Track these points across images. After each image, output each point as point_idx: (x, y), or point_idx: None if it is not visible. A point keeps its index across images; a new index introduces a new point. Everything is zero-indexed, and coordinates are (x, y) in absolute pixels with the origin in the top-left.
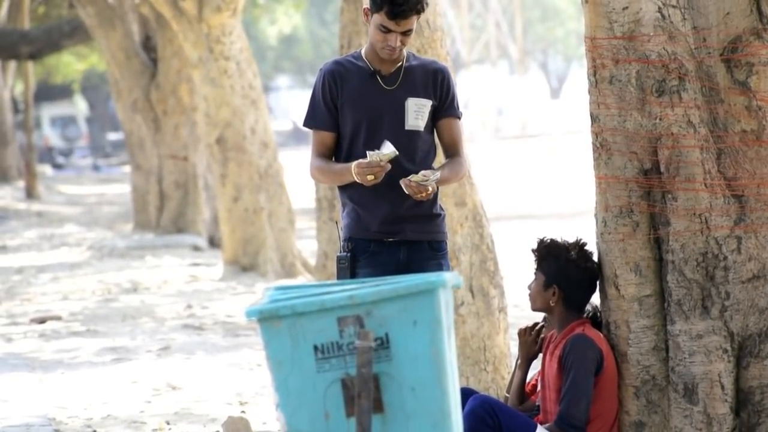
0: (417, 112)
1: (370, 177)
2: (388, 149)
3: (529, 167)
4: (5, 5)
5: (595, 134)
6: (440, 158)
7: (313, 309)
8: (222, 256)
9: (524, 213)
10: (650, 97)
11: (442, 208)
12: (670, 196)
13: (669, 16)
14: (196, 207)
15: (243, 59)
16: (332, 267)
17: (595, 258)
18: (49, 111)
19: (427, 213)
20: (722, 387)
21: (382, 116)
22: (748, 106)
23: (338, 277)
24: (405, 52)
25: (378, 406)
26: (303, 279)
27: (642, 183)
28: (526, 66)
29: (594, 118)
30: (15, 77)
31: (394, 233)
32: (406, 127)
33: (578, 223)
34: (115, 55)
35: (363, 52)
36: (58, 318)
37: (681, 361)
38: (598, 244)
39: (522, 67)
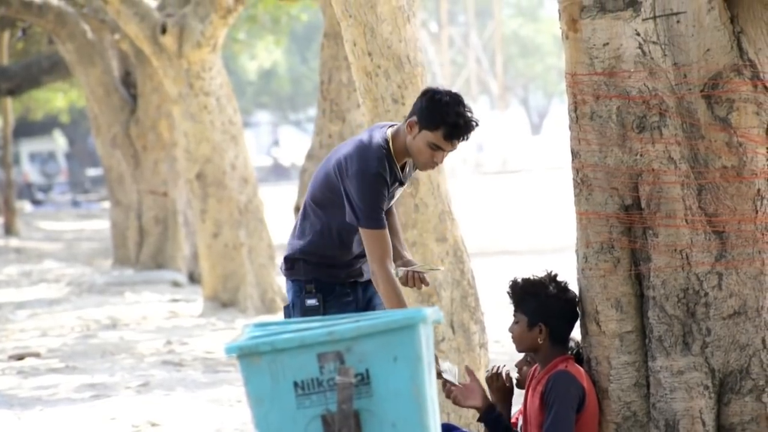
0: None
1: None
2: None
3: (509, 203)
4: None
5: (576, 170)
6: None
7: (293, 345)
8: (202, 292)
9: (505, 249)
10: (631, 133)
11: None
12: (651, 232)
13: (650, 52)
14: (176, 243)
15: (223, 95)
16: None
17: (572, 288)
18: (28, 147)
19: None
20: (703, 423)
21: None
22: (729, 142)
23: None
24: None
25: None
26: (282, 315)
27: (623, 219)
28: (507, 102)
29: (575, 154)
30: None
31: (354, 276)
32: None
33: (559, 259)
34: (94, 91)
35: (393, 150)
36: (37, 355)
37: (662, 397)
38: (579, 280)
39: (502, 103)
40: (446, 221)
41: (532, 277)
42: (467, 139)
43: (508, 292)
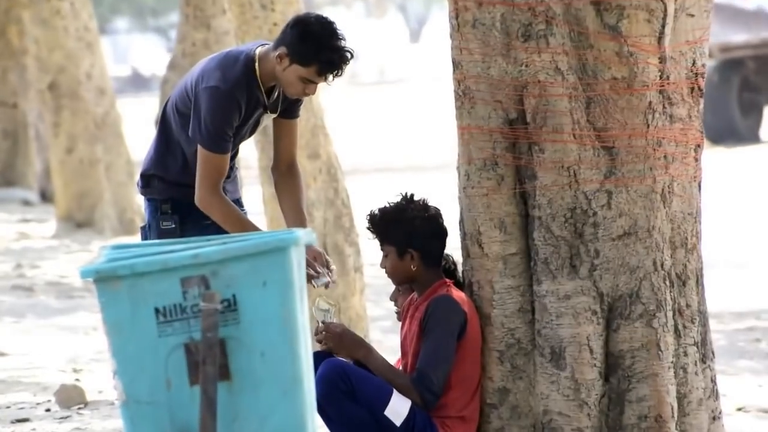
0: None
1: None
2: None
3: (386, 116)
4: None
5: (458, 81)
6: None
7: (155, 269)
8: (55, 212)
9: (382, 166)
10: (516, 42)
11: None
12: (536, 147)
13: None
14: (27, 158)
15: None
16: None
17: (431, 204)
18: None
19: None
20: (591, 351)
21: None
22: (619, 52)
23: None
24: None
25: (225, 373)
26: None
27: (507, 134)
28: (384, 8)
29: (456, 65)
30: None
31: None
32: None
33: (439, 177)
34: None
35: (259, 74)
36: None
37: (548, 323)
38: (460, 199)
39: (379, 10)
40: (319, 136)
41: (388, 205)
42: (342, 74)
43: (369, 228)
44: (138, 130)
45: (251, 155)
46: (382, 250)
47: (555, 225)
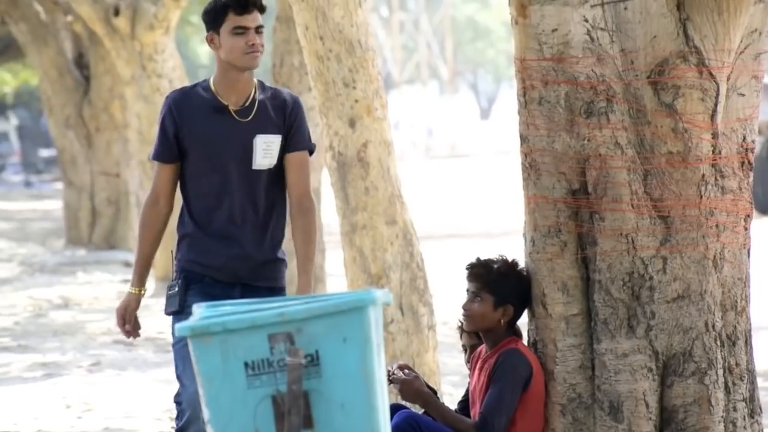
0: (266, 150)
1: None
2: None
3: (458, 187)
4: None
5: (525, 154)
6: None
7: (244, 326)
8: (153, 273)
9: (454, 232)
10: (579, 118)
11: (284, 254)
12: (597, 216)
13: (597, 38)
14: (128, 223)
15: (176, 77)
16: None
17: None
18: None
19: (266, 259)
20: (647, 405)
21: (230, 152)
22: (674, 128)
23: (167, 305)
24: (255, 80)
25: (308, 422)
26: None
27: (570, 203)
28: (456, 86)
29: (523, 139)
30: None
31: (230, 276)
32: (254, 167)
33: (506, 243)
34: (47, 72)
35: (211, 82)
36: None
37: (606, 379)
38: (526, 263)
39: (452, 88)
40: (396, 204)
41: (496, 258)
42: (257, 6)
43: (476, 272)
44: None
45: (333, 221)
46: (476, 295)
47: (614, 288)
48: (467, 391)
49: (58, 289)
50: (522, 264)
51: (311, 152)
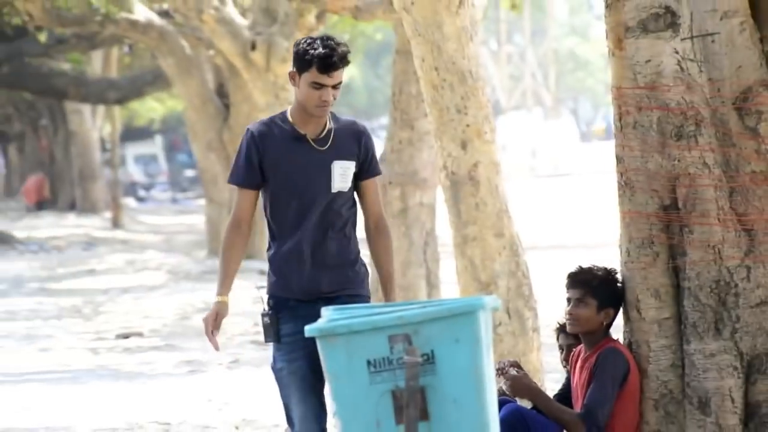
0: (342, 175)
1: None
2: None
3: (560, 203)
4: (94, 57)
5: (620, 173)
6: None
7: (367, 328)
8: None
9: (556, 244)
10: (670, 140)
11: (363, 265)
12: (686, 229)
13: (687, 68)
14: (263, 236)
15: None
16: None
17: None
18: (132, 150)
19: (343, 268)
20: (732, 401)
21: (309, 178)
22: (758, 149)
23: (265, 333)
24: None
25: (424, 415)
26: None
27: (662, 218)
28: (559, 112)
29: (619, 159)
30: (103, 120)
31: (311, 294)
32: (333, 190)
33: (603, 254)
34: (192, 101)
35: (289, 114)
36: (140, 334)
37: (696, 377)
38: (622, 272)
39: (554, 113)
40: (503, 219)
41: (596, 267)
42: (342, 65)
43: (580, 279)
44: None
45: (446, 234)
46: (581, 300)
47: (702, 294)
48: (562, 386)
49: (200, 295)
50: (617, 272)
51: (379, 174)
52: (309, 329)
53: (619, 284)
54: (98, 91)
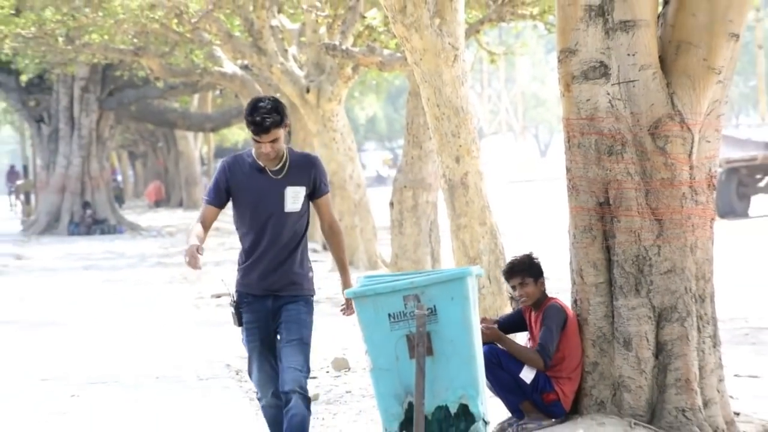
0: (294, 197)
1: (186, 259)
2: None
3: (526, 201)
4: (195, 98)
5: (569, 180)
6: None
7: (388, 291)
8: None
9: (524, 230)
10: (603, 156)
11: (310, 268)
12: (615, 219)
13: (615, 105)
14: (314, 224)
15: (345, 131)
16: (401, 263)
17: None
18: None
19: (291, 271)
20: (647, 340)
21: (266, 200)
22: (665, 163)
23: (233, 319)
24: (285, 150)
25: (429, 351)
26: (381, 270)
27: (598, 211)
28: (525, 136)
29: (568, 170)
30: (202, 142)
31: (265, 290)
32: (285, 210)
33: (558, 238)
34: None
35: (253, 152)
36: (229, 294)
37: (622, 324)
38: (570, 250)
39: (522, 137)
40: (486, 212)
41: (519, 256)
42: (272, 129)
43: (516, 268)
44: (379, 208)
45: (445, 223)
46: (522, 285)
47: (626, 265)
48: (508, 314)
49: None
50: (535, 254)
51: (328, 193)
52: (347, 293)
53: (537, 260)
54: (198, 122)
